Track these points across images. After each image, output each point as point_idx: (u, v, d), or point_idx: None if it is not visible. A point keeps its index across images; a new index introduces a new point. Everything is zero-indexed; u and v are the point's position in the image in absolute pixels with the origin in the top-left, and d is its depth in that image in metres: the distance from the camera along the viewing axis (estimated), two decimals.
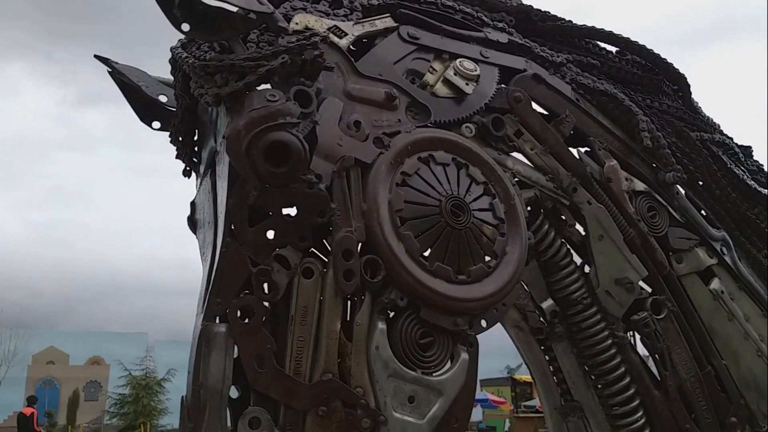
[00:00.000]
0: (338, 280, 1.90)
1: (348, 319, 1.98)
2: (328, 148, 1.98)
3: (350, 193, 1.99)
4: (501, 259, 2.18)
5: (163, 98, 2.53)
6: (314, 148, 1.96)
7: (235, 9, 1.96)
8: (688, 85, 2.99)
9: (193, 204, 2.46)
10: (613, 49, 3.00)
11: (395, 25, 2.43)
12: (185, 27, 1.95)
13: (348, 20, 2.34)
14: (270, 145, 1.83)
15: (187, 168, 2.52)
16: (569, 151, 2.57)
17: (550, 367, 2.62)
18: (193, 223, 2.44)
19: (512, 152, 2.48)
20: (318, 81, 2.07)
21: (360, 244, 1.97)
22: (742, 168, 3.13)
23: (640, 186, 2.72)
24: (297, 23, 2.20)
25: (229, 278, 1.87)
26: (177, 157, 2.50)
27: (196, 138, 2.45)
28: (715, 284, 2.77)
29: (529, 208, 2.46)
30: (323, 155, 1.97)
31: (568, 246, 2.56)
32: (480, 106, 2.42)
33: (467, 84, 2.42)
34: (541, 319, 2.56)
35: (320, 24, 2.23)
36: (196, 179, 2.46)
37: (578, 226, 2.58)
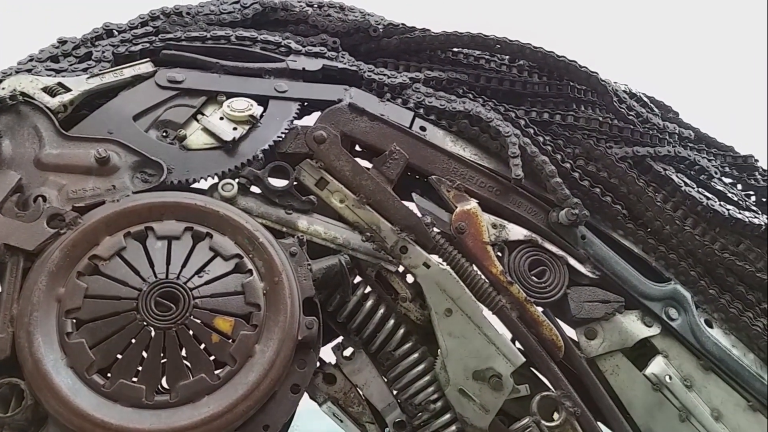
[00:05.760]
0: None
1: None
2: None
3: None
4: (242, 365, 1.56)
5: None
6: None
7: None
8: (606, 88, 2.16)
9: None
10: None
11: (153, 70, 1.98)
12: None
13: (86, 74, 1.94)
14: None
15: None
16: (396, 198, 1.90)
17: None
18: None
19: (310, 210, 1.87)
20: None
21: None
22: (717, 189, 2.21)
23: (517, 234, 1.95)
24: (3, 88, 1.83)
25: None
26: None
27: None
28: (656, 367, 1.88)
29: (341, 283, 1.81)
30: None
31: (405, 328, 1.85)
32: (254, 155, 1.86)
33: (235, 128, 1.88)
34: None
35: (35, 84, 1.85)
36: None
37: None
